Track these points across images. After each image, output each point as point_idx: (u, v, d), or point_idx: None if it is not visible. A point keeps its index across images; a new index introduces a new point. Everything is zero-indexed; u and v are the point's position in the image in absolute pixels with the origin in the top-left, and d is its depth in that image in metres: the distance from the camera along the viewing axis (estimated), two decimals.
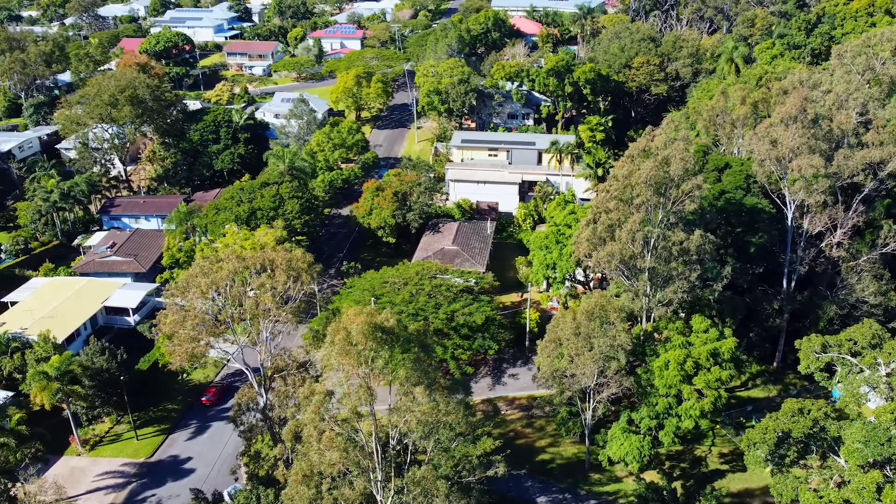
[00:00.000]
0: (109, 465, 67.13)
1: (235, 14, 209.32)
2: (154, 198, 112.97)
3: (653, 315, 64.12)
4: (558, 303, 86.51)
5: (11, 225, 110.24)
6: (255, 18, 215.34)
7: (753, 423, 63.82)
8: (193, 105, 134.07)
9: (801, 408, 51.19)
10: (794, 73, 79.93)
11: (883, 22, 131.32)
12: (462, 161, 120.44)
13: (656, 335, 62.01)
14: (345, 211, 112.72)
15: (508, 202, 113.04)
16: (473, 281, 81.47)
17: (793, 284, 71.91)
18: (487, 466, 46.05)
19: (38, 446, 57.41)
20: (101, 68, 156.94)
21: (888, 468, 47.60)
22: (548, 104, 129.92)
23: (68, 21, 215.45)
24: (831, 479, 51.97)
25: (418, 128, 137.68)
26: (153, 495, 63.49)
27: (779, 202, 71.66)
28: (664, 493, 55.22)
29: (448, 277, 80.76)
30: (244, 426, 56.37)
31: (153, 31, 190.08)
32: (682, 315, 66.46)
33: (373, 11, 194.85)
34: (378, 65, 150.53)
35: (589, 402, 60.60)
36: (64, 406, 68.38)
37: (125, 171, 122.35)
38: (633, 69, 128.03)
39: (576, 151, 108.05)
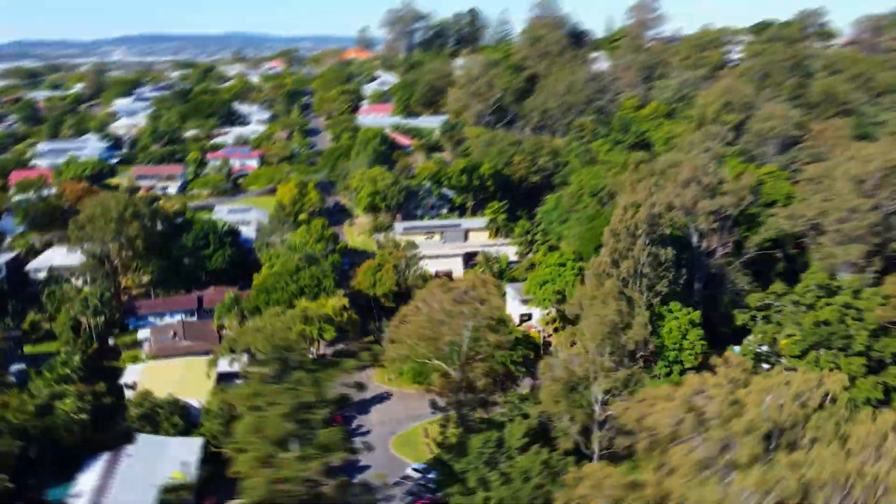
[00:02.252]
0: None
1: (108, 144, 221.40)
2: (169, 298, 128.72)
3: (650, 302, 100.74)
4: (542, 328, 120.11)
5: (35, 337, 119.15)
6: (125, 147, 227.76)
7: None
8: None
9: None
10: (663, 156, 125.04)
11: (666, 124, 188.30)
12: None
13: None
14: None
15: (457, 269, 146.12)
16: None
17: (702, 284, 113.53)
18: None
19: None
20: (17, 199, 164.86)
21: None
22: (453, 196, 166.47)
23: None
24: None
25: (351, 225, 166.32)
26: None
27: (683, 233, 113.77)
28: None
29: None
30: None
31: (38, 163, 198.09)
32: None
33: (256, 133, 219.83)
34: (296, 176, 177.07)
35: None
36: None
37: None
38: (515, 165, 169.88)
39: (508, 226, 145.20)
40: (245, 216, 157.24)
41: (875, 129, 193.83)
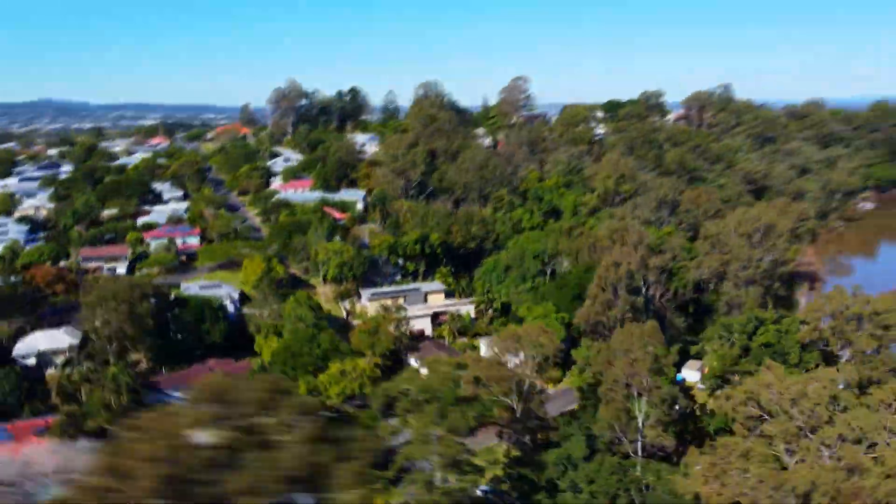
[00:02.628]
0: None
1: (28, 226, 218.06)
2: (181, 372, 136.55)
3: None
4: None
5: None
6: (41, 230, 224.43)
7: None
8: None
9: None
10: (604, 223, 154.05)
11: (568, 194, 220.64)
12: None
13: None
14: None
15: (427, 328, 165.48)
16: None
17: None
18: None
19: None
20: None
21: None
22: (405, 263, 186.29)
23: None
24: None
25: (314, 294, 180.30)
26: None
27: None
28: None
29: None
30: None
31: None
32: None
33: (177, 211, 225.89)
34: (250, 252, 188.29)
35: None
36: None
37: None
38: (453, 234, 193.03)
39: (470, 287, 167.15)
40: (218, 291, 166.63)
41: (719, 191, 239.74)
